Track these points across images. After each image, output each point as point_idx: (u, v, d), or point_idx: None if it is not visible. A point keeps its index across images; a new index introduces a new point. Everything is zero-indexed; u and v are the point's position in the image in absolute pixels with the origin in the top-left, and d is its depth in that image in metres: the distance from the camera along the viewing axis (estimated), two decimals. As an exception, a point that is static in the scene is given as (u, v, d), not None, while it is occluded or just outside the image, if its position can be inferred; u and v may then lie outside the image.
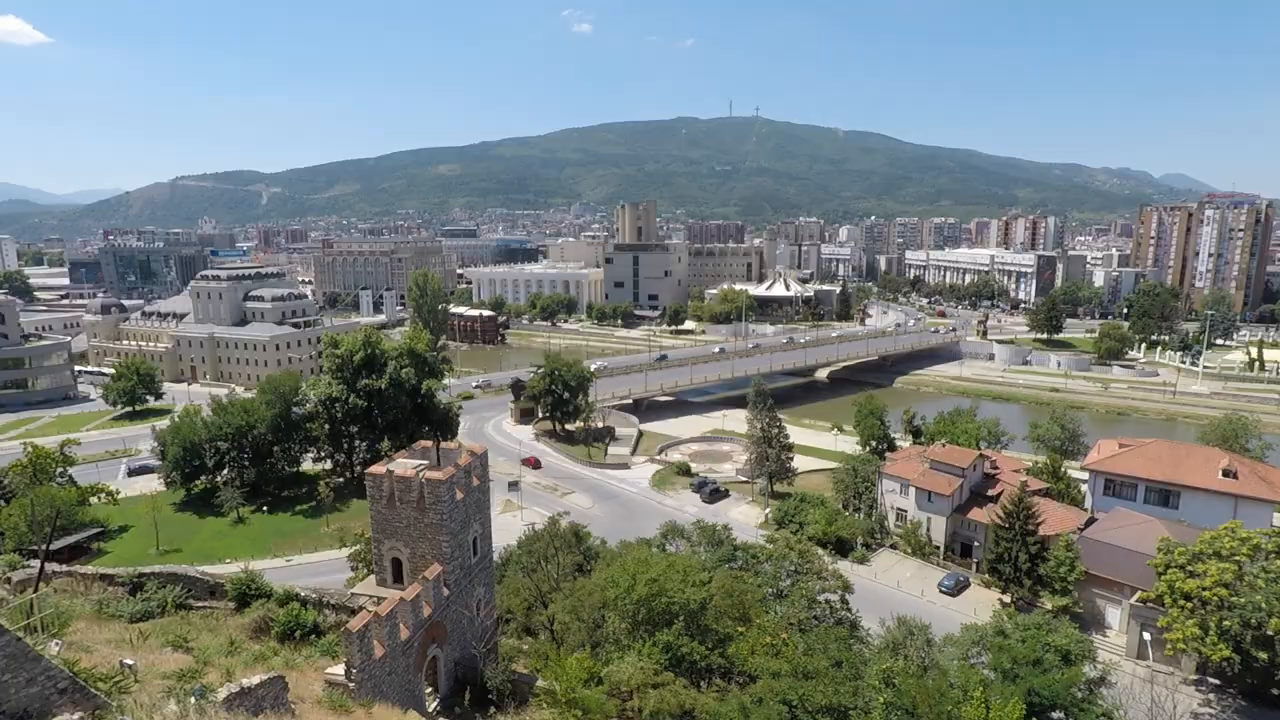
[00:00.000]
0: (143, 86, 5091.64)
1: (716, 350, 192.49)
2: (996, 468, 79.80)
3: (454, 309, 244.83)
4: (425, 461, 34.33)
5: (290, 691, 21.88)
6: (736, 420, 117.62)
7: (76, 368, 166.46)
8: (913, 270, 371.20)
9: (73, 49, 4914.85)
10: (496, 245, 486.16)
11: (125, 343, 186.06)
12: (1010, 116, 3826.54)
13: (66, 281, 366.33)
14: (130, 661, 22.91)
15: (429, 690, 31.64)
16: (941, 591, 69.13)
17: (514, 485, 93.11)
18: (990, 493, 74.74)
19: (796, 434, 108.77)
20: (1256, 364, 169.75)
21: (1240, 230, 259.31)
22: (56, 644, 21.80)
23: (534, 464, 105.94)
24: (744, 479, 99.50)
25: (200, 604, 37.16)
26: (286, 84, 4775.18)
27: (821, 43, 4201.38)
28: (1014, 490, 67.19)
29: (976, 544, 73.69)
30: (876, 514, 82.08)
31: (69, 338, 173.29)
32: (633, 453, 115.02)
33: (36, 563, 40.14)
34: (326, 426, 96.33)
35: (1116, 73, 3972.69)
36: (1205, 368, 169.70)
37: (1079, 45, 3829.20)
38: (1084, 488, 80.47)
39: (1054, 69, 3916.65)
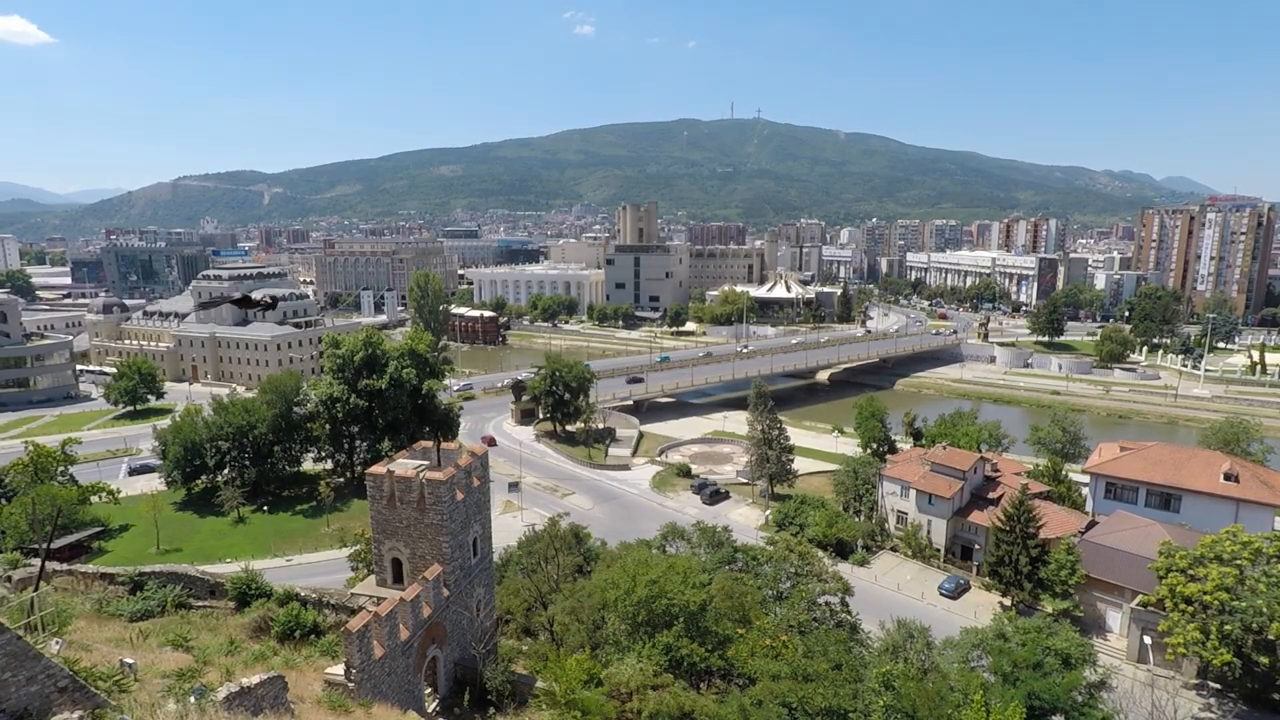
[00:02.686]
0: (145, 86, 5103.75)
1: (702, 354, 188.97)
2: (997, 470, 79.66)
3: (455, 310, 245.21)
4: (426, 462, 34.32)
5: (290, 691, 21.87)
6: (737, 422, 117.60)
7: (78, 367, 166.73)
8: (914, 272, 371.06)
9: (76, 49, 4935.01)
10: (498, 246, 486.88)
11: (127, 342, 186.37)
12: (1011, 119, 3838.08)
13: (68, 281, 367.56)
14: (130, 660, 22.91)
15: (428, 691, 31.63)
16: (942, 594, 69.03)
17: (514, 486, 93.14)
18: (991, 495, 74.62)
19: (797, 436, 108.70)
20: (1258, 367, 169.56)
21: (1242, 233, 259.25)
22: (57, 642, 21.80)
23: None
24: (744, 481, 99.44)
25: (200, 603, 37.20)
26: (288, 84, 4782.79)
27: (823, 45, 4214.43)
28: (1015, 493, 67.09)
29: (977, 547, 73.60)
30: (877, 516, 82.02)
31: (71, 337, 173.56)
32: (633, 454, 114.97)
33: (37, 561, 40.17)
34: (327, 426, 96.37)
35: (1118, 75, 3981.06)
36: (1207, 371, 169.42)
37: (1080, 48, 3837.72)
38: (1085, 491, 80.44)
39: (1055, 71, 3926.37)
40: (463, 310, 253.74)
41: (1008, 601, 65.35)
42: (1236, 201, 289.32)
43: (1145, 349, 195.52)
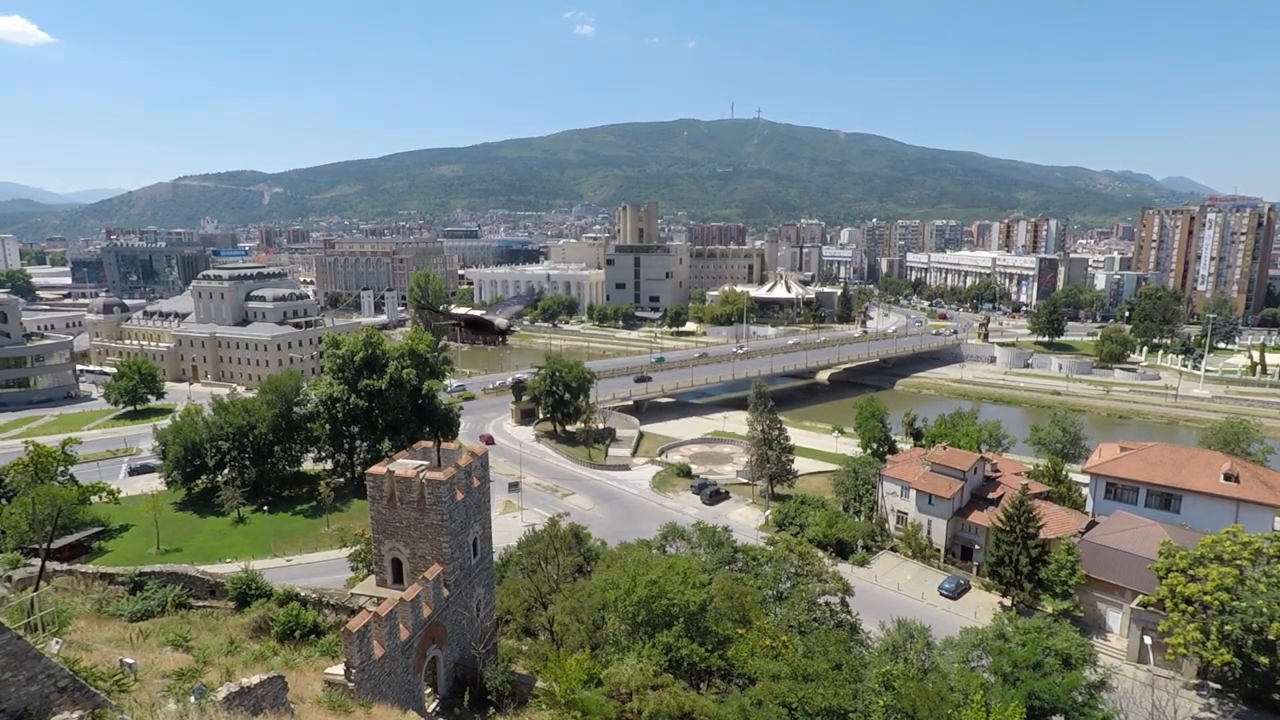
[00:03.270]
0: (145, 86, 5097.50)
1: (698, 354, 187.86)
2: (997, 471, 79.67)
3: (455, 310, 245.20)
4: (426, 462, 34.31)
5: (290, 691, 21.87)
6: (737, 422, 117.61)
7: (78, 367, 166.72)
8: (914, 273, 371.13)
9: (76, 49, 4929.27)
10: (498, 246, 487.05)
11: (127, 342, 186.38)
12: (1011, 119, 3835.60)
13: (69, 281, 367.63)
14: (130, 660, 22.90)
15: (428, 691, 31.62)
16: (942, 594, 69.03)
17: (514, 486, 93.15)
18: (991, 496, 74.63)
19: (797, 436, 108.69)
20: (1258, 368, 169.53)
21: (1242, 234, 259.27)
22: (57, 642, 21.81)
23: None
24: (744, 481, 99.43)
25: (200, 603, 37.18)
26: (288, 84, 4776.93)
27: (823, 45, 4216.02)
28: (1015, 493, 67.09)
29: (977, 547, 73.59)
30: (877, 516, 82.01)
31: (71, 337, 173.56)
32: (633, 454, 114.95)
33: (37, 561, 40.15)
34: (327, 426, 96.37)
35: (1118, 75, 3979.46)
36: (1207, 371, 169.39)
37: (1080, 48, 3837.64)
38: (1085, 491, 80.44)
39: (1055, 71, 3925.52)
40: (463, 310, 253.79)
41: (1008, 601, 65.33)
42: (1236, 202, 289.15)
43: (1145, 349, 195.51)
